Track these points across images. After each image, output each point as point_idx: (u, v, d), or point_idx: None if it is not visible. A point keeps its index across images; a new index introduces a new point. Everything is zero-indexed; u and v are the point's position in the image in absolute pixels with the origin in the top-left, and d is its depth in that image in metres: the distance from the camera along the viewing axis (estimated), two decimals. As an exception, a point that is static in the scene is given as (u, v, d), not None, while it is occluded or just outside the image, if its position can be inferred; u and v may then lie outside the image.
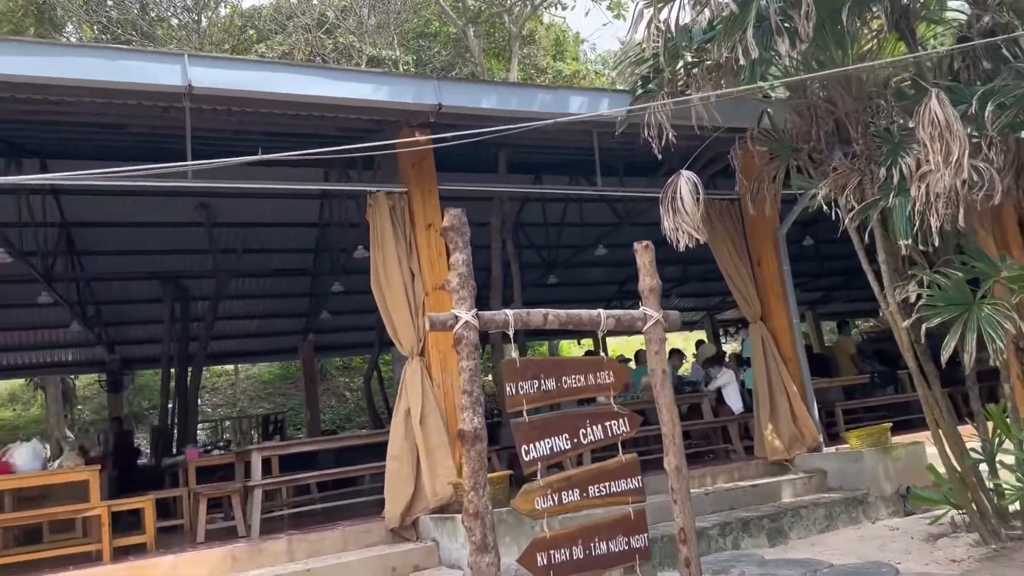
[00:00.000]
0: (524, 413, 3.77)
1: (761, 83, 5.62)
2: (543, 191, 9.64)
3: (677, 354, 10.32)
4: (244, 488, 6.82)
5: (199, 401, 14.34)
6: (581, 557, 3.79)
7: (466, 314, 3.69)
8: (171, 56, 6.12)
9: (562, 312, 4.00)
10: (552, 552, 3.71)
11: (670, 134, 6.36)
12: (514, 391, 3.77)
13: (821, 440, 8.02)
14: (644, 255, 4.27)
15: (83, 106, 6.74)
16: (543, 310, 3.95)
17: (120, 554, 6.36)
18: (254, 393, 23.18)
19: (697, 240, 5.86)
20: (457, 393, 6.71)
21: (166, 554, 5.95)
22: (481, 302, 7.31)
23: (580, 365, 4.05)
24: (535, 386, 3.83)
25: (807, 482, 7.52)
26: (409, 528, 6.39)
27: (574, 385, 3.97)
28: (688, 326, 22.58)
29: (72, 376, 21.73)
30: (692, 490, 7.49)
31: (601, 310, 4.09)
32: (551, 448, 3.81)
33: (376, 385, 15.29)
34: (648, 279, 4.24)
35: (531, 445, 3.76)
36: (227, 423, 19.99)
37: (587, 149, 9.77)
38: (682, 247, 5.73)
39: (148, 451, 14.56)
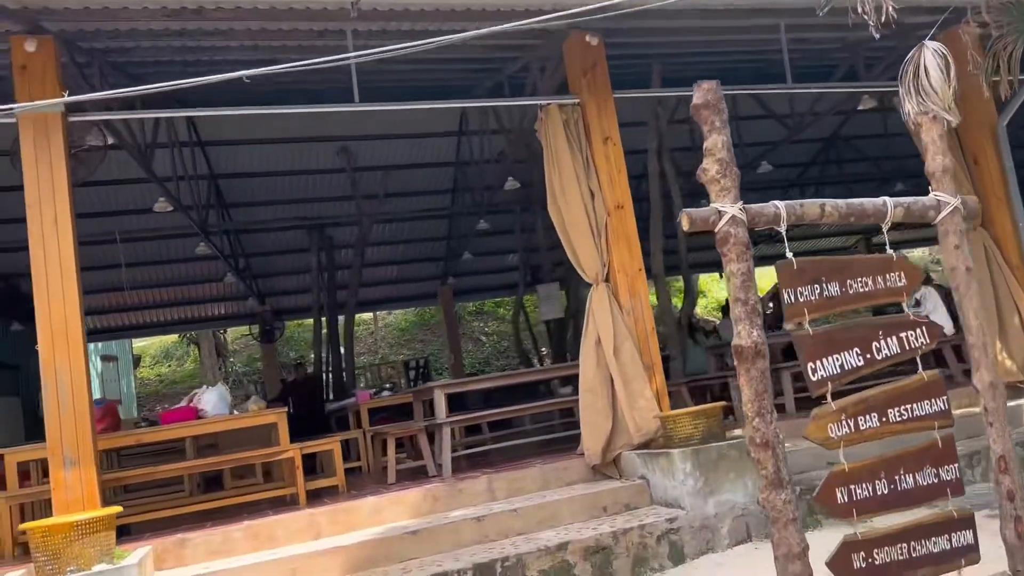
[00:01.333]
0: (806, 325, 3.13)
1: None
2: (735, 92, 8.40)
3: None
4: (428, 427, 6.51)
5: (342, 349, 14.37)
6: (886, 492, 3.15)
7: (732, 207, 3.07)
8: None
9: (841, 203, 3.32)
10: (852, 487, 3.09)
11: (890, 6, 5.43)
12: (792, 298, 3.14)
13: (1062, 358, 7.03)
14: (932, 129, 3.52)
15: (238, 35, 6.43)
16: (819, 200, 3.28)
17: (312, 498, 6.18)
18: (393, 340, 23.42)
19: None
20: (648, 319, 6.17)
21: (364, 495, 5.70)
22: (642, 235, 6.70)
23: (866, 266, 3.36)
24: (816, 292, 3.18)
25: (1053, 406, 6.57)
26: (610, 465, 5.91)
27: (861, 290, 3.29)
28: (842, 252, 21.18)
29: (222, 331, 22.53)
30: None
31: (886, 198, 3.38)
32: (841, 365, 3.17)
33: (524, 324, 14.90)
34: (940, 158, 3.49)
35: (818, 362, 3.12)
36: (370, 369, 20.23)
37: (752, 52, 8.89)
38: (928, 134, 4.87)
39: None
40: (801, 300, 3.15)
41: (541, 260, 13.69)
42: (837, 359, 3.16)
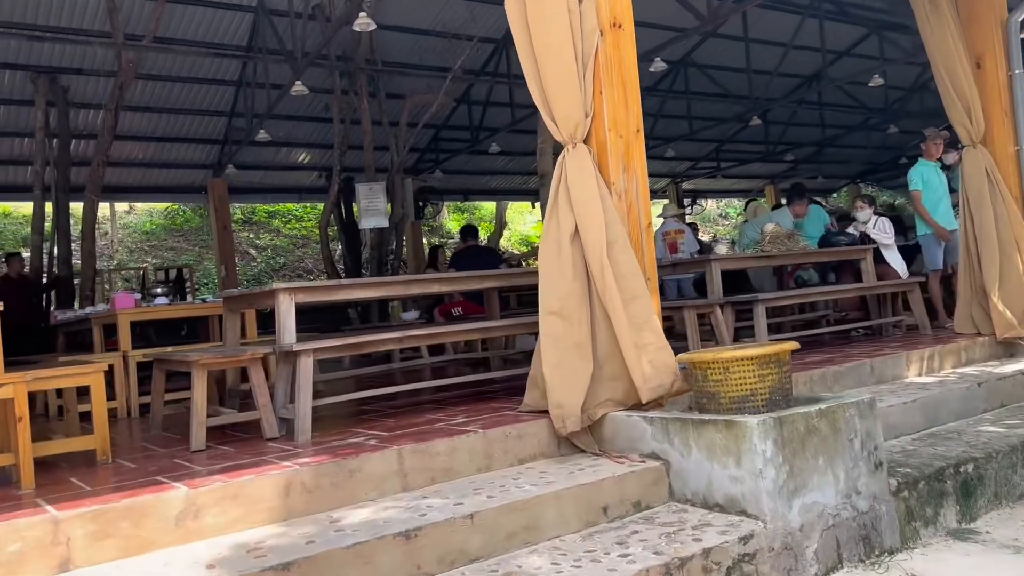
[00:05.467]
0: None
1: None
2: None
3: (801, 201, 7.81)
4: (272, 355, 3.86)
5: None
6: None
7: None
8: None
9: None
10: None
11: None
12: None
13: (1066, 312, 5.85)
14: None
15: None
16: None
17: (45, 473, 3.35)
18: (133, 245, 19.15)
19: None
20: (647, 209, 4.02)
21: (159, 482, 2.99)
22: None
23: None
24: None
25: (1073, 369, 5.33)
26: (585, 432, 3.68)
27: None
28: (652, 195, 20.31)
29: None
30: (937, 377, 5.16)
31: None
32: None
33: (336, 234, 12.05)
34: None
35: None
36: (106, 277, 16.07)
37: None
38: None
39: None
40: None
41: (363, 161, 10.94)
42: None
